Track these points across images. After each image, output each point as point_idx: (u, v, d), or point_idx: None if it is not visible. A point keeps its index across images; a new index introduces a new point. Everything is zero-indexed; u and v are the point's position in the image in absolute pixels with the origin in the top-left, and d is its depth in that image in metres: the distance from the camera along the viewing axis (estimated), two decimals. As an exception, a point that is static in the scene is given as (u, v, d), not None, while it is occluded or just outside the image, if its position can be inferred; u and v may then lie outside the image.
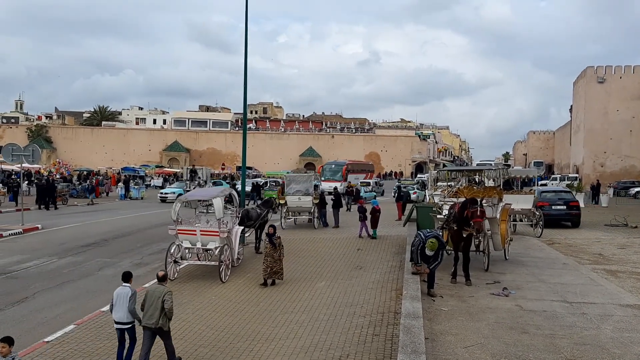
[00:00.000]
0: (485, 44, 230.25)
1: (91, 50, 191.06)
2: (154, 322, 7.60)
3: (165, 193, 39.24)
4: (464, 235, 11.98)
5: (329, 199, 24.73)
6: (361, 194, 33.28)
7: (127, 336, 7.92)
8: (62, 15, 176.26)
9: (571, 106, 73.83)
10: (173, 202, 14.76)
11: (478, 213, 11.83)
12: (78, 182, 44.48)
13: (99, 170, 68.10)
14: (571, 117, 74.74)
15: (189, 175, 46.16)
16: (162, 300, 7.62)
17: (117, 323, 7.86)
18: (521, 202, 20.19)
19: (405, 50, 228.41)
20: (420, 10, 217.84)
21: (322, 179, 44.73)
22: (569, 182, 48.02)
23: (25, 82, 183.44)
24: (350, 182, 40.51)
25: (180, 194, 30.14)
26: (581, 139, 63.12)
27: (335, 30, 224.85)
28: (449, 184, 20.39)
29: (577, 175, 58.47)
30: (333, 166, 52.83)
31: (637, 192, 44.49)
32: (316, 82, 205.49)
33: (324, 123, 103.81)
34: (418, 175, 70.32)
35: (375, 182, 49.26)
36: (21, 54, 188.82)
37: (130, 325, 7.85)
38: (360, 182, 48.47)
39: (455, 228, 12.13)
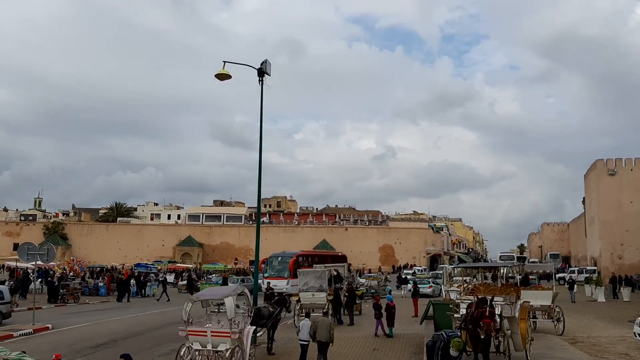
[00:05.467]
0: (496, 139, 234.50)
1: (115, 149, 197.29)
2: (324, 339, 13.04)
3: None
4: (482, 337, 11.60)
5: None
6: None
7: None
8: (90, 117, 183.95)
9: (584, 198, 73.76)
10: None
11: (487, 314, 11.54)
12: (91, 279, 44.40)
13: (112, 267, 68.11)
14: (584, 209, 74.43)
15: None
16: (329, 327, 13.23)
17: (301, 340, 13.50)
18: (540, 298, 19.71)
19: (419, 145, 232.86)
20: (433, 108, 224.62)
21: (265, 275, 37.28)
22: (588, 275, 47.05)
23: (49, 181, 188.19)
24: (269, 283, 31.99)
25: None
26: (596, 231, 62.43)
27: (349, 127, 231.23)
28: (464, 279, 20.06)
29: (595, 268, 57.30)
30: (279, 259, 40.67)
31: (660, 285, 43.28)
32: (331, 176, 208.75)
33: (337, 216, 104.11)
34: (404, 271, 64.00)
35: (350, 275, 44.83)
36: (47, 154, 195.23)
37: (307, 343, 13.36)
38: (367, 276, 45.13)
39: (472, 328, 11.79)
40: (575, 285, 36.22)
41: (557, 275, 46.96)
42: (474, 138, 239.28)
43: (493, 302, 12.16)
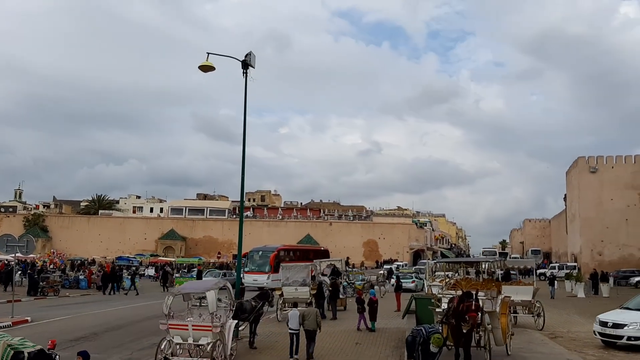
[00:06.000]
0: (481, 136, 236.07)
1: (98, 141, 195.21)
2: (312, 327, 14.09)
3: None
4: (464, 331, 11.63)
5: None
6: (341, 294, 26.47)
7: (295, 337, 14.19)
8: (73, 109, 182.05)
9: (565, 195, 74.58)
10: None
11: (473, 307, 11.56)
12: (71, 272, 43.98)
13: (93, 260, 67.52)
14: (566, 205, 75.29)
15: None
16: (315, 316, 14.29)
17: (290, 329, 14.16)
18: (521, 293, 19.87)
19: (405, 141, 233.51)
20: (419, 104, 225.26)
21: (245, 269, 36.64)
22: (568, 271, 47.63)
23: (31, 173, 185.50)
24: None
25: None
26: (577, 227, 63.20)
27: (335, 122, 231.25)
28: (446, 274, 20.16)
29: (575, 264, 58.06)
30: (260, 253, 40.26)
31: (638, 281, 43.95)
32: (316, 170, 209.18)
33: (321, 211, 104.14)
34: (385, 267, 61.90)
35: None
36: (29, 145, 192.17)
37: (297, 331, 14.11)
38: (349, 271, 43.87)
39: (454, 323, 11.80)
40: (556, 282, 36.56)
41: (538, 271, 47.50)
42: (458, 134, 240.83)
43: (478, 296, 12.20)
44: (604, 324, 16.44)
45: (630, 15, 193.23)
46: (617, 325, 16.01)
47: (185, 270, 53.38)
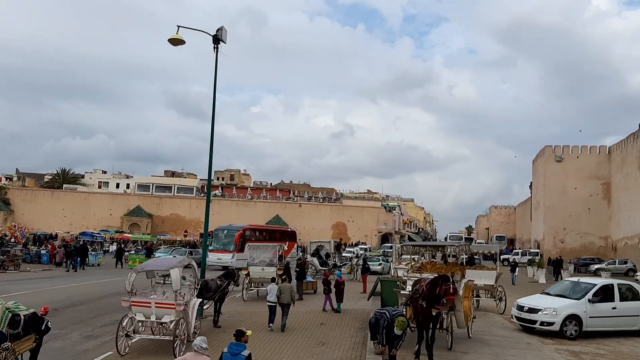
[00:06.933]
0: (452, 122, 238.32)
1: (65, 114, 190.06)
2: (287, 301, 15.38)
3: None
4: (434, 314, 11.69)
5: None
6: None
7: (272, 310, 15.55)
8: (41, 80, 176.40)
9: (531, 183, 76.05)
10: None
11: (451, 290, 11.65)
12: (33, 247, 43.10)
13: (56, 234, 66.19)
14: (531, 193, 76.81)
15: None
16: (290, 290, 15.62)
17: (268, 302, 15.52)
18: (484, 277, 20.20)
19: (377, 125, 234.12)
20: (393, 88, 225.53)
21: (210, 248, 35.96)
22: (531, 258, 48.76)
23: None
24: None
25: None
26: (541, 215, 64.59)
27: (308, 103, 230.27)
28: (412, 257, 20.34)
29: (538, 250, 59.43)
30: (225, 232, 39.91)
31: (598, 268, 45.20)
32: (288, 151, 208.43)
33: (291, 192, 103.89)
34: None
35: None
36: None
37: (275, 304, 15.39)
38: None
39: (424, 306, 11.81)
40: (518, 268, 37.29)
41: (501, 257, 48.50)
42: (430, 120, 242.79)
43: (454, 279, 12.31)
44: (520, 308, 16.44)
45: (602, 7, 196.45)
46: (532, 310, 15.99)
47: (140, 248, 53.07)
